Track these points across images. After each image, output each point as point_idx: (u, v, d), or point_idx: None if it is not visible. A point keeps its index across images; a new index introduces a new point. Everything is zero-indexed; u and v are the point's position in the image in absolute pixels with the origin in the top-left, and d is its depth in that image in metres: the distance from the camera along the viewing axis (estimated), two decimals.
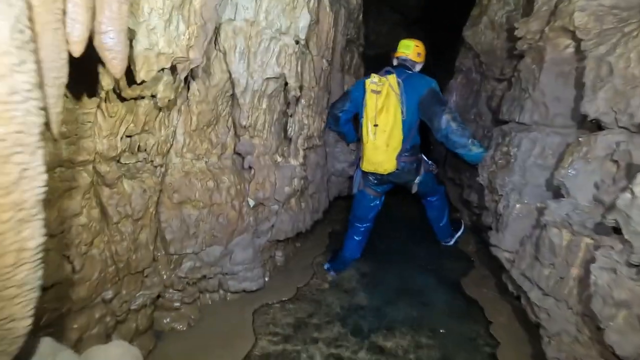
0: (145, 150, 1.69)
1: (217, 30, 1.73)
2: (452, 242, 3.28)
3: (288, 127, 2.27)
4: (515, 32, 2.05)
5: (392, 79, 2.33)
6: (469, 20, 2.98)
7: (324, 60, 2.48)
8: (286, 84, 2.06)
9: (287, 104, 2.20)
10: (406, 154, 2.44)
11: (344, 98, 2.67)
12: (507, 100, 2.23)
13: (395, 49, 2.62)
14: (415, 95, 2.34)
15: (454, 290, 2.55)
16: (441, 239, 3.24)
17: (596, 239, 1.27)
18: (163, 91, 1.43)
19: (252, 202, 2.24)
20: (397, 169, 2.42)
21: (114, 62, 0.85)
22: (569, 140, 1.75)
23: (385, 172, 2.43)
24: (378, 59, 4.38)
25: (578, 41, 1.55)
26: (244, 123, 1.97)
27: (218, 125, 2.06)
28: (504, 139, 2.11)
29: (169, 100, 1.53)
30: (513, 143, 1.98)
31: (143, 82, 1.21)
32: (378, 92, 2.33)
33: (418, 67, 2.56)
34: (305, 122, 2.45)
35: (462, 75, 3.50)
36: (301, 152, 2.46)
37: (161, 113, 1.65)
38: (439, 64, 5.59)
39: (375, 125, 2.34)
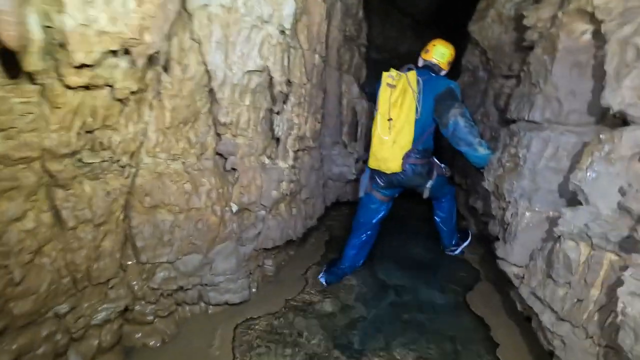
0: (110, 148, 1.53)
1: (191, 17, 1.57)
2: (457, 252, 3.05)
3: (274, 125, 2.09)
4: (524, 21, 1.84)
5: (412, 75, 2.19)
6: (474, 14, 2.78)
7: (317, 56, 2.30)
8: (272, 78, 1.88)
9: (274, 100, 2.02)
10: (417, 156, 2.26)
11: (374, 84, 2.47)
12: (515, 98, 2.01)
13: (423, 49, 2.42)
14: (433, 96, 2.19)
15: (458, 306, 2.31)
16: (446, 245, 3.00)
17: (623, 256, 1.05)
18: (122, 80, 1.26)
19: (235, 207, 2.06)
20: (403, 171, 2.25)
21: (3, 26, 0.68)
22: (586, 139, 1.52)
23: (389, 171, 2.27)
24: (383, 63, 4.19)
25: (597, 23, 1.34)
26: (222, 120, 1.79)
27: (197, 122, 1.89)
28: (512, 139, 1.88)
29: (131, 92, 1.37)
30: (522, 144, 1.76)
31: (85, 66, 1.04)
32: (393, 86, 2.21)
33: (443, 73, 2.40)
34: (296, 121, 2.27)
35: (468, 73, 3.28)
36: (291, 154, 2.28)
37: (127, 107, 1.49)
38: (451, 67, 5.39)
39: (390, 120, 2.19)
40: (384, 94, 2.23)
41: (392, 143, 2.21)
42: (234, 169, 2.07)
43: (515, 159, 1.80)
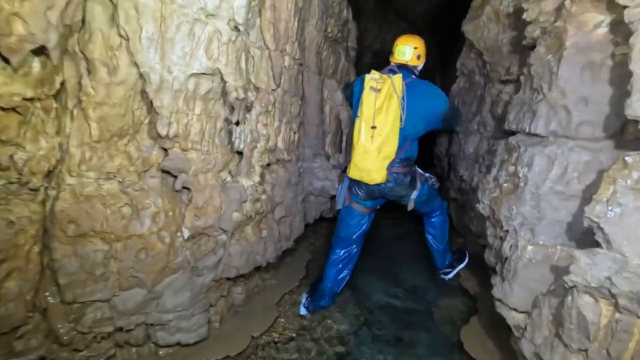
0: (13, 168, 1.24)
1: (116, 8, 1.28)
2: (452, 275, 2.72)
3: (234, 138, 1.79)
4: (524, 15, 1.54)
5: (398, 80, 1.98)
6: (469, 12, 2.48)
7: (287, 58, 2.01)
8: (226, 83, 1.59)
9: (232, 109, 1.73)
10: (397, 165, 2.07)
11: (349, 90, 2.33)
12: (514, 106, 1.70)
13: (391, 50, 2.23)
14: (419, 106, 2.01)
15: (450, 345, 1.98)
16: (439, 267, 2.68)
17: None
18: (3, 85, 0.97)
19: (187, 233, 1.75)
20: (387, 181, 2.06)
21: None
22: (603, 158, 1.21)
23: (372, 183, 2.07)
24: (380, 68, 3.84)
25: (617, 11, 1.04)
26: (162, 132, 1.49)
27: (139, 135, 1.60)
28: (511, 154, 1.57)
29: (27, 99, 1.08)
30: (522, 161, 1.45)
31: None
32: (377, 90, 1.99)
33: (420, 68, 2.23)
34: (263, 132, 1.97)
35: (464, 78, 2.98)
36: (257, 169, 1.98)
37: (31, 117, 1.20)
38: (447, 71, 5.10)
39: (373, 128, 1.98)
40: (367, 98, 2.00)
41: (377, 153, 2.00)
42: (186, 188, 1.77)
43: (515, 179, 1.49)
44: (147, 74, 1.36)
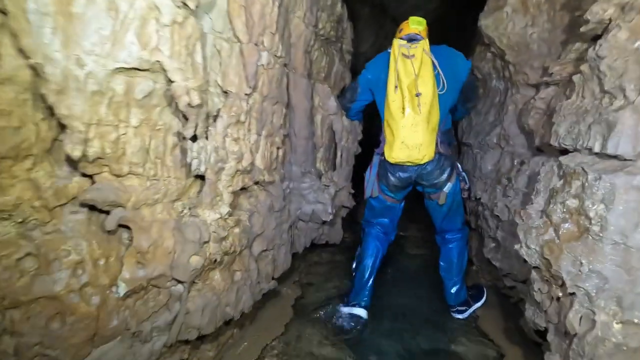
0: None
1: None
2: (467, 315, 2.25)
3: (189, 158, 1.32)
4: None
5: (426, 44, 1.81)
6: (487, 3, 2.06)
7: (265, 54, 1.56)
8: (171, 82, 1.13)
9: (187, 119, 1.27)
10: (441, 141, 1.88)
11: (353, 87, 2.16)
12: (566, 115, 1.26)
13: (397, 31, 2.01)
14: (452, 69, 1.84)
15: None
16: (453, 303, 2.20)
17: None
18: None
19: (123, 288, 1.27)
20: (431, 161, 1.85)
21: None
22: None
23: (422, 161, 1.82)
24: None
25: None
26: (75, 153, 1.02)
27: (50, 156, 1.13)
28: (569, 182, 1.12)
29: None
30: (593, 194, 1.00)
31: None
32: (412, 57, 1.78)
33: None
34: (234, 148, 1.50)
35: (477, 83, 2.56)
36: (226, 197, 1.51)
37: None
38: None
39: (418, 95, 1.74)
40: (403, 65, 1.78)
41: (426, 124, 1.76)
42: (125, 227, 1.30)
43: (582, 220, 1.04)
44: (42, 67, 0.89)
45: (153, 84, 1.11)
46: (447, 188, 1.93)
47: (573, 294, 1.02)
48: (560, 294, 1.09)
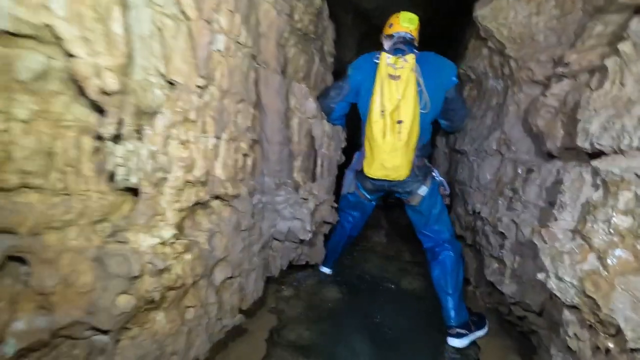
0: None
1: None
2: (467, 343, 1.94)
3: (109, 164, 0.99)
4: None
5: (412, 59, 1.74)
6: None
7: (221, 37, 1.25)
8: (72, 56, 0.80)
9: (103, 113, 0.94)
10: (417, 155, 1.89)
11: (340, 86, 2.02)
12: (598, 109, 0.99)
13: (386, 26, 1.99)
14: (437, 83, 1.79)
15: None
16: (453, 323, 1.88)
17: None
18: None
19: (11, 345, 0.91)
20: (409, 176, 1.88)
21: None
22: None
23: (399, 179, 1.87)
24: None
25: None
26: None
27: None
28: (613, 195, 0.84)
29: None
30: None
31: None
32: (397, 78, 1.74)
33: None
34: (181, 154, 1.18)
35: (470, 85, 2.32)
36: (170, 216, 1.17)
37: None
38: None
39: (400, 122, 1.76)
40: (387, 89, 1.75)
41: (406, 148, 1.78)
42: (20, 260, 0.94)
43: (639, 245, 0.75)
44: None
45: (46, 60, 0.78)
46: (422, 191, 1.94)
47: (636, 350, 0.72)
48: (612, 346, 0.79)
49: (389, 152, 1.78)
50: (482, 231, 1.96)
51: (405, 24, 1.87)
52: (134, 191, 1.10)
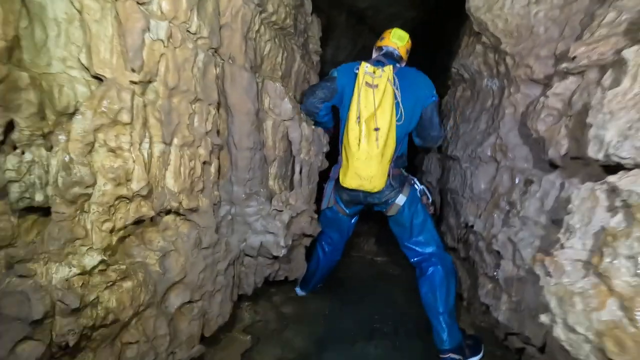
0: None
1: None
2: None
3: (9, 175, 0.78)
4: None
5: (390, 71, 1.77)
6: None
7: (163, 24, 1.04)
8: None
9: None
10: (393, 166, 1.84)
11: (328, 86, 1.92)
12: (614, 111, 0.79)
13: (378, 40, 2.01)
14: (413, 97, 1.79)
15: None
16: (445, 347, 1.70)
17: None
18: None
19: None
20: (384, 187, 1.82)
21: None
22: None
23: (374, 190, 1.81)
24: None
25: None
26: None
27: None
28: (639, 221, 0.65)
29: None
30: None
31: None
32: (375, 86, 1.75)
33: (403, 65, 1.96)
34: (110, 163, 0.96)
35: (463, 85, 2.12)
36: (97, 239, 0.96)
37: None
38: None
39: (376, 130, 1.73)
40: (365, 97, 1.74)
41: (381, 157, 1.75)
42: None
43: None
44: None
45: None
46: (400, 200, 1.87)
47: None
48: None
49: (364, 160, 1.74)
50: (476, 246, 1.76)
51: (394, 39, 1.92)
52: (45, 211, 0.89)
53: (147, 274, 1.24)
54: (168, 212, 1.32)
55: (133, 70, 0.97)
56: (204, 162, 1.41)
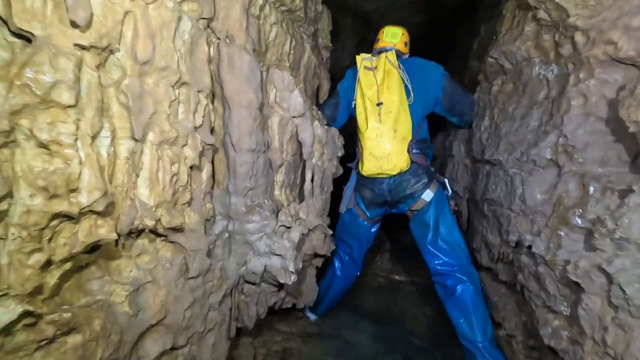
0: None
1: None
2: None
3: None
4: None
5: (392, 55, 1.73)
6: None
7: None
8: None
9: None
10: (416, 150, 1.75)
11: (334, 103, 1.90)
12: None
13: (374, 43, 2.02)
14: (423, 81, 1.75)
15: None
16: None
17: None
18: None
19: None
20: (405, 171, 1.70)
21: None
22: None
23: (394, 171, 1.67)
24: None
25: None
26: None
27: None
28: None
29: None
30: None
31: None
32: (373, 69, 1.73)
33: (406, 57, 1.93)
34: (43, 165, 0.64)
35: (501, 78, 1.79)
36: (17, 281, 0.63)
37: None
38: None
39: (379, 104, 1.67)
40: (365, 77, 1.73)
41: (393, 132, 1.66)
42: None
43: None
44: None
45: None
46: (426, 196, 1.75)
47: None
48: None
49: (375, 139, 1.69)
50: (532, 272, 1.40)
51: (388, 38, 1.93)
52: None
53: (110, 319, 0.89)
54: (140, 232, 0.98)
55: (76, 26, 0.64)
56: (192, 167, 1.08)
